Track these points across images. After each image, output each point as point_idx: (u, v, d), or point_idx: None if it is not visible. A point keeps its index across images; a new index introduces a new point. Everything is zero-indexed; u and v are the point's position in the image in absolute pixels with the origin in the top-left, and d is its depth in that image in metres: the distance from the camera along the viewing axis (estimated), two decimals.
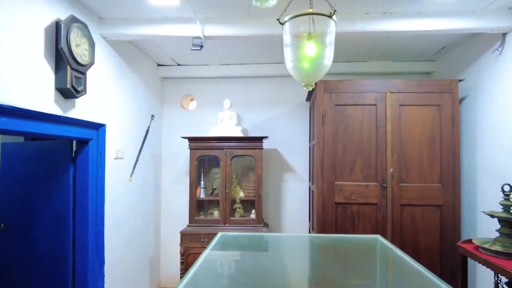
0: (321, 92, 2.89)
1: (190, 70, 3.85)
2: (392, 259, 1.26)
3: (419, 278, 0.79)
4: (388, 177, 2.78)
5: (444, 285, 0.67)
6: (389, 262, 1.29)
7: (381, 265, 1.40)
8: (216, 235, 1.82)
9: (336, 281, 1.35)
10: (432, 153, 2.79)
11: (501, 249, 1.87)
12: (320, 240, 1.86)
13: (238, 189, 3.51)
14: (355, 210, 2.80)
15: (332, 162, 2.84)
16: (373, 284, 1.31)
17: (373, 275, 1.34)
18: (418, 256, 2.76)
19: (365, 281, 1.33)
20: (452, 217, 2.75)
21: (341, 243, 1.76)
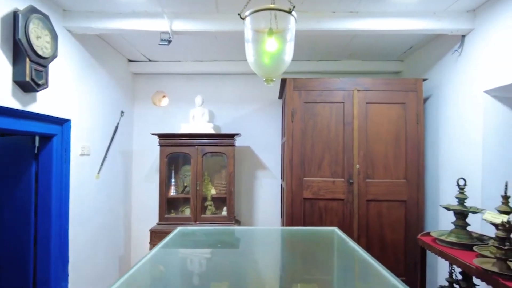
0: (291, 90, 2.92)
1: (162, 66, 3.80)
2: (345, 250, 1.29)
3: (368, 267, 0.82)
4: (354, 173, 2.84)
5: (389, 274, 0.70)
6: (344, 253, 1.32)
7: (336, 256, 1.44)
8: (174, 230, 1.81)
9: (292, 273, 1.37)
10: (397, 150, 2.87)
11: (455, 240, 1.95)
12: (279, 233, 1.88)
13: (210, 186, 3.50)
14: (322, 206, 2.85)
15: (301, 158, 2.88)
16: (326, 274, 1.34)
17: (328, 266, 1.37)
18: (384, 250, 2.85)
19: (319, 270, 1.36)
20: (416, 212, 2.84)
21: (300, 236, 1.79)
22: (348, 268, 1.21)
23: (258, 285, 1.40)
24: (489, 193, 2.39)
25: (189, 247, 1.68)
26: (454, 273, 2.04)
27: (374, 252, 2.82)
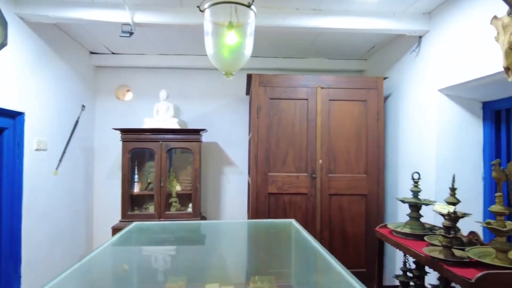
0: (256, 86, 2.93)
1: (126, 59, 3.69)
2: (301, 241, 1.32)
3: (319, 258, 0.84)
4: (317, 168, 2.90)
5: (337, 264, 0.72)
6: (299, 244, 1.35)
7: (293, 247, 1.46)
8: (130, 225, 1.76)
9: (249, 264, 1.39)
10: (358, 146, 2.96)
11: (409, 231, 2.04)
12: (238, 226, 1.89)
13: (175, 182, 3.45)
14: (287, 200, 2.89)
15: (266, 154, 2.90)
16: (283, 265, 1.36)
17: (285, 257, 1.40)
18: (345, 242, 2.93)
19: (277, 261, 1.38)
20: (376, 205, 2.95)
21: (258, 228, 1.81)
22: (302, 259, 1.23)
23: (214, 278, 1.39)
24: (442, 186, 2.51)
25: (143, 242, 1.65)
26: (407, 263, 2.14)
27: (336, 245, 2.90)
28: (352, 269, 2.95)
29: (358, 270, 2.91)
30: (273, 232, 1.64)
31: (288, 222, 1.71)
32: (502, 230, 1.44)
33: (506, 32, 1.77)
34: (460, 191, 2.45)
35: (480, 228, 2.23)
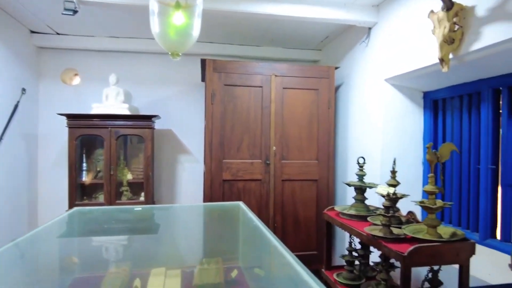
0: (211, 71, 2.90)
1: (72, 41, 3.46)
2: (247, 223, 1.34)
3: (264, 239, 0.85)
4: (271, 155, 2.95)
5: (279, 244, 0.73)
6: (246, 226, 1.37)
7: (240, 229, 1.48)
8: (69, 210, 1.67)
9: (197, 247, 1.39)
10: (310, 133, 3.05)
11: (354, 212, 2.15)
12: (185, 209, 1.88)
13: (126, 171, 3.33)
14: (241, 186, 2.91)
15: (221, 140, 2.89)
16: (230, 246, 1.38)
17: (232, 239, 1.42)
18: (297, 226, 3.02)
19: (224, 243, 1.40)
20: (326, 190, 3.07)
21: (207, 211, 1.81)
22: (249, 240, 1.25)
23: (161, 262, 1.38)
24: (386, 170, 2.65)
25: (83, 227, 1.58)
26: (353, 243, 2.26)
27: (289, 229, 2.99)
28: (303, 251, 3.08)
29: (310, 252, 3.03)
30: (221, 215, 1.65)
31: (236, 205, 1.74)
32: (432, 208, 1.57)
33: (440, 25, 1.90)
34: (402, 175, 2.62)
35: (418, 208, 2.40)
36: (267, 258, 1.08)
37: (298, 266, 0.77)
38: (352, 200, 2.29)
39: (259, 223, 1.17)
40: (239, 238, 1.42)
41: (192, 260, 1.41)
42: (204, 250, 1.43)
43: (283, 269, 0.87)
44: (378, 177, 2.68)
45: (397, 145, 2.70)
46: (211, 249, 1.44)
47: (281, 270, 0.90)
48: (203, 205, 2.22)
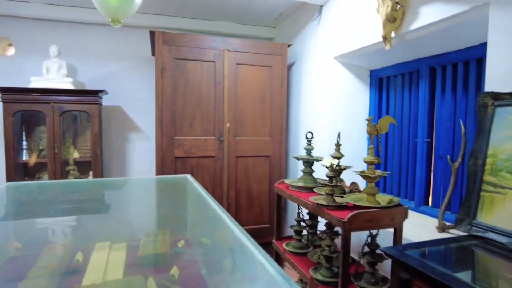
0: (160, 44, 2.79)
1: (3, 6, 3.14)
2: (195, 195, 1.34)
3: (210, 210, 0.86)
4: (225, 131, 2.95)
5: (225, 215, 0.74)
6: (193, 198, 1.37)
7: (187, 201, 1.49)
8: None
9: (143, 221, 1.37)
10: (263, 110, 3.08)
11: (302, 184, 2.23)
12: (132, 182, 1.84)
13: (72, 149, 3.16)
14: (194, 163, 2.89)
15: (172, 116, 2.82)
16: (178, 219, 1.39)
17: (180, 211, 1.42)
18: (251, 201, 3.09)
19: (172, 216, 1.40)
20: (278, 166, 3.14)
21: (153, 185, 1.80)
22: (197, 212, 1.26)
23: (106, 236, 1.35)
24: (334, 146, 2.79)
25: (16, 203, 1.49)
26: (301, 213, 2.36)
27: (242, 203, 3.04)
28: (257, 225, 3.15)
29: (263, 226, 3.12)
30: (168, 188, 1.64)
31: (183, 178, 1.73)
32: (371, 177, 1.67)
33: (384, 4, 1.97)
34: (349, 149, 2.75)
35: (362, 179, 2.55)
36: (213, 227, 1.10)
37: (241, 234, 0.79)
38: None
39: (206, 194, 1.18)
40: (187, 210, 1.42)
41: (139, 233, 1.39)
42: (151, 222, 1.42)
43: (227, 237, 0.89)
44: (327, 152, 2.79)
45: (344, 121, 2.81)
46: (158, 222, 1.43)
47: (225, 238, 0.92)
48: (150, 178, 2.18)
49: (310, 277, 1.86)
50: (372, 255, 1.74)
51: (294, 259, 2.14)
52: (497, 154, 1.39)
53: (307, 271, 1.93)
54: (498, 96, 1.43)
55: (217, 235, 1.00)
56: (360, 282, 1.76)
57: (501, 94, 1.42)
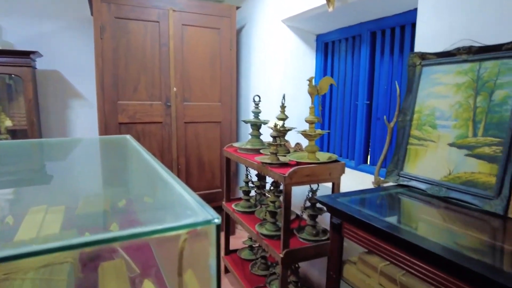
0: (98, 2, 2.58)
1: None
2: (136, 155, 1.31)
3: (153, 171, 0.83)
4: (172, 96, 2.87)
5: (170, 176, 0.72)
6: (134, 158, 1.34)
7: (128, 162, 1.46)
8: None
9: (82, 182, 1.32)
10: (212, 74, 3.02)
11: (250, 147, 2.27)
12: (69, 143, 1.76)
13: (4, 116, 2.90)
14: (140, 130, 2.80)
15: (114, 80, 2.68)
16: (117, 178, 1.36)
17: (120, 171, 1.39)
18: (202, 167, 3.09)
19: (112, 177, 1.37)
20: (229, 131, 3.15)
21: (92, 145, 1.73)
22: (138, 172, 1.24)
23: (42, 200, 1.29)
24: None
25: None
26: (249, 174, 2.42)
27: (193, 170, 3.04)
28: (208, 190, 3.17)
29: (215, 190, 3.15)
30: (107, 149, 1.58)
31: (123, 138, 1.68)
32: (311, 135, 1.75)
33: None
34: (296, 112, 2.82)
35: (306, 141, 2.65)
36: (154, 186, 1.10)
37: (181, 189, 0.79)
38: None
39: (146, 153, 1.16)
40: (127, 170, 1.39)
41: (77, 195, 1.35)
42: (90, 184, 1.38)
43: (168, 194, 0.89)
44: (276, 116, 2.84)
45: (292, 85, 2.86)
46: (97, 183, 1.39)
47: (166, 195, 0.92)
48: (86, 138, 2.08)
49: (256, 232, 1.95)
50: (313, 208, 1.85)
51: (242, 218, 2.21)
52: (422, 110, 1.52)
53: (254, 227, 2.01)
54: (425, 56, 1.54)
55: (157, 191, 1.00)
56: (302, 234, 1.87)
57: (427, 54, 1.52)
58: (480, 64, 1.32)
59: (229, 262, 2.52)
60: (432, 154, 1.43)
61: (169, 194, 0.74)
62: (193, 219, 0.49)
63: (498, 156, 1.20)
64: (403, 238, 0.97)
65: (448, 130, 1.39)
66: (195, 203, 0.57)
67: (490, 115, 1.25)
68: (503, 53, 1.24)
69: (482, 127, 1.27)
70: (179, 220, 0.50)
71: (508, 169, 1.16)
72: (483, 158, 1.25)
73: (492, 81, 1.26)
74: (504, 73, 1.23)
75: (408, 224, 1.19)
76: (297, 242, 1.82)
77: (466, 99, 1.34)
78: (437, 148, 1.41)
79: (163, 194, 0.78)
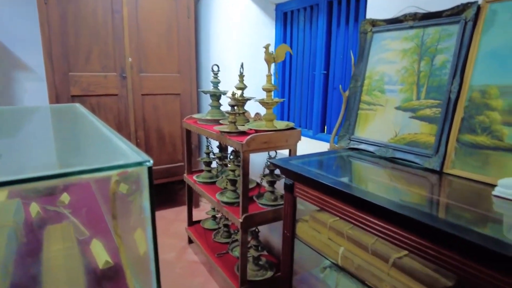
0: None
1: None
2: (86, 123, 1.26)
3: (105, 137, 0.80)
4: (127, 67, 2.75)
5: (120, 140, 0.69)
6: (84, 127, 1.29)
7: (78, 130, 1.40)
8: None
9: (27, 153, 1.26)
10: (170, 44, 2.92)
11: (210, 117, 2.26)
12: (11, 112, 1.66)
13: None
14: (95, 102, 2.68)
15: (64, 50, 2.52)
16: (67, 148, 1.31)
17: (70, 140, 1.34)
18: (162, 141, 3.03)
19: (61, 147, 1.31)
20: (190, 104, 3.10)
21: (39, 114, 1.64)
22: (89, 140, 1.19)
23: None
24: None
25: None
26: (210, 146, 2.42)
27: (153, 143, 2.98)
28: (170, 164, 3.14)
29: (177, 164, 3.13)
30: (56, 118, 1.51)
31: (72, 106, 1.61)
32: (268, 103, 1.77)
33: None
34: (255, 82, 2.82)
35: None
36: (107, 154, 1.07)
37: (119, 140, 0.77)
38: None
39: (96, 120, 1.12)
40: (79, 139, 1.34)
41: (23, 167, 1.28)
42: (39, 155, 1.32)
43: (107, 147, 0.87)
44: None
45: (252, 55, 2.84)
46: (47, 153, 1.33)
47: (105, 148, 0.90)
48: (33, 107, 1.96)
49: (216, 200, 1.98)
50: (271, 175, 1.90)
51: (203, 188, 2.22)
52: (372, 75, 1.57)
53: (215, 196, 2.03)
54: (375, 23, 1.58)
55: (99, 149, 0.98)
56: (261, 200, 1.93)
57: (378, 21, 1.57)
58: (424, 30, 1.38)
59: (193, 232, 2.55)
60: (380, 118, 1.51)
61: (108, 147, 0.73)
62: (124, 161, 0.50)
63: (437, 117, 1.29)
64: (350, 193, 1.03)
65: (395, 95, 1.46)
66: (130, 150, 0.58)
67: (432, 79, 1.33)
68: (443, 20, 1.31)
69: (424, 90, 1.35)
70: (110, 162, 0.50)
71: (445, 128, 1.25)
72: (425, 120, 1.34)
73: (434, 46, 1.33)
74: (444, 38, 1.30)
75: (355, 182, 1.26)
76: (256, 207, 1.87)
77: (412, 64, 1.41)
78: (385, 112, 1.49)
79: (103, 148, 0.77)
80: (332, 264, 1.34)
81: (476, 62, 1.19)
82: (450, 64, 1.27)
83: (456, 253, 0.78)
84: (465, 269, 0.76)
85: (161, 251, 2.55)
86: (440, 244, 0.81)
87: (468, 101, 1.20)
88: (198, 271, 2.30)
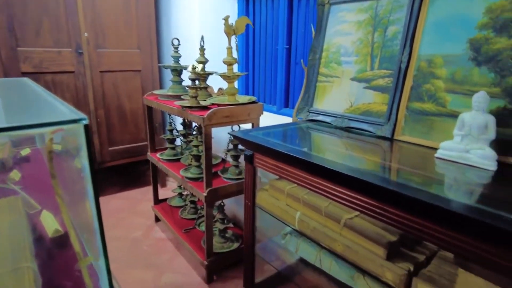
0: None
1: None
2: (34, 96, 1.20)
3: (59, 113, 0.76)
4: (83, 42, 2.61)
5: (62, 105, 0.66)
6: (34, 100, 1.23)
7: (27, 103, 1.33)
8: None
9: None
10: (128, 18, 2.79)
11: (171, 93, 2.21)
12: None
13: None
14: (49, 80, 2.54)
15: (9, 21, 2.33)
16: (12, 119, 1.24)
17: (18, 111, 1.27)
18: (124, 119, 2.94)
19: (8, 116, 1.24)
20: (151, 80, 3.01)
21: None
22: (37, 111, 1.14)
23: None
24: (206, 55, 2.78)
25: None
26: (173, 122, 2.39)
27: (114, 122, 2.89)
28: (133, 143, 3.07)
29: (140, 144, 3.06)
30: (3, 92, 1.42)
31: (21, 80, 1.52)
32: (230, 76, 1.76)
33: None
34: (218, 58, 2.78)
35: None
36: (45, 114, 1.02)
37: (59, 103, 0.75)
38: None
39: (46, 94, 1.07)
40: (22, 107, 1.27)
41: None
42: None
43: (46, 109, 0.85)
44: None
45: (214, 30, 2.78)
46: None
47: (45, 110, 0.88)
48: None
49: (181, 176, 1.98)
50: (235, 150, 1.92)
51: (168, 166, 2.21)
52: (329, 48, 1.60)
53: (179, 173, 2.03)
54: None
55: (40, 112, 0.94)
56: (226, 175, 1.95)
57: None
58: (377, 2, 1.42)
59: (159, 210, 2.54)
60: (337, 89, 1.55)
61: (49, 110, 0.71)
62: (59, 118, 0.49)
63: (389, 86, 1.34)
64: (306, 160, 1.07)
65: (350, 66, 1.50)
66: (68, 110, 0.57)
67: (384, 50, 1.38)
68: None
69: (377, 61, 1.40)
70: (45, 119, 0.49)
71: (396, 97, 1.31)
72: (378, 90, 1.39)
73: (386, 17, 1.37)
74: (396, 10, 1.34)
75: (311, 150, 1.31)
76: (221, 181, 1.89)
77: (366, 35, 1.45)
78: (341, 84, 1.53)
79: (44, 112, 0.75)
80: (292, 230, 1.40)
81: (424, 33, 1.25)
82: (401, 35, 1.32)
83: (402, 210, 0.84)
84: (410, 224, 0.83)
85: (128, 230, 2.53)
86: (388, 203, 0.87)
87: (417, 71, 1.26)
88: (166, 248, 2.32)
